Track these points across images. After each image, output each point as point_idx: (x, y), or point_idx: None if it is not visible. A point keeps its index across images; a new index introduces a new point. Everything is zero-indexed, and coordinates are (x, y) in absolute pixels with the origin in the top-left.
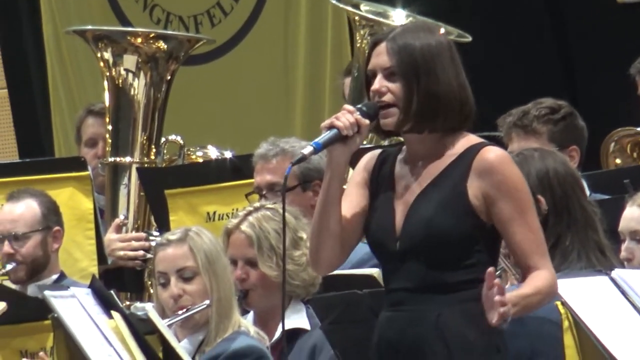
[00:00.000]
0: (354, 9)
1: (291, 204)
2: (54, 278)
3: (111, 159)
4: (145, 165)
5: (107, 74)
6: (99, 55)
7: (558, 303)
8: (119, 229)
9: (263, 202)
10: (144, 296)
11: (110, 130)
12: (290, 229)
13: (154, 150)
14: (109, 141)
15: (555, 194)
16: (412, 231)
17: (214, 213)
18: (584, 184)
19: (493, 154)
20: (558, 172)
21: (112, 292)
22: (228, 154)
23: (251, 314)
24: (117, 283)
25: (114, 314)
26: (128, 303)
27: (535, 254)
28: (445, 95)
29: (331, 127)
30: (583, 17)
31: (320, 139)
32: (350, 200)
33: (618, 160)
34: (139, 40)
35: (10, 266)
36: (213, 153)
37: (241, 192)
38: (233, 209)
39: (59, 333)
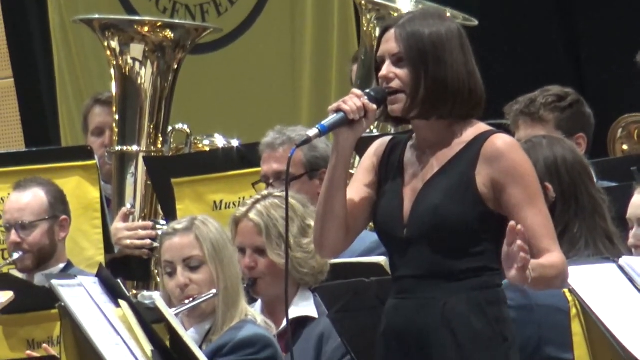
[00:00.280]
0: None
1: (298, 193)
2: (61, 267)
3: (118, 147)
4: (152, 154)
5: (114, 63)
6: (105, 44)
7: (566, 291)
8: (125, 218)
9: (271, 190)
10: (151, 285)
11: (117, 119)
12: (299, 216)
13: (160, 139)
14: (116, 130)
15: (563, 181)
16: (419, 218)
17: (221, 202)
18: (592, 171)
19: (501, 140)
20: (566, 160)
21: (119, 281)
22: (235, 143)
23: (259, 302)
24: (124, 272)
25: (121, 302)
26: (135, 292)
27: (546, 238)
28: (453, 83)
29: (338, 111)
30: (590, 4)
31: (326, 122)
32: (358, 186)
33: (625, 147)
34: (146, 29)
35: (17, 255)
36: (220, 142)
37: (248, 181)
38: (240, 198)
39: (66, 322)
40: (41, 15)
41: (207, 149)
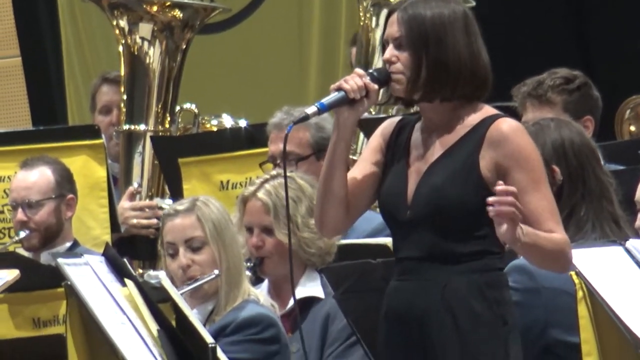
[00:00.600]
0: None
1: (305, 173)
2: (67, 246)
3: (126, 126)
4: (160, 133)
5: (123, 42)
6: (114, 23)
7: (572, 273)
8: (132, 197)
9: (279, 171)
10: (157, 264)
11: (125, 98)
12: (307, 197)
13: (168, 118)
14: (124, 109)
15: (570, 164)
16: (422, 200)
17: (228, 182)
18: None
19: (507, 124)
20: (574, 142)
21: (125, 260)
22: (242, 123)
23: (265, 282)
24: (131, 251)
25: (127, 282)
26: (141, 271)
27: (549, 221)
28: (455, 64)
29: (339, 89)
30: None
31: (325, 100)
32: (363, 165)
33: (633, 128)
34: (155, 8)
35: (23, 234)
36: (227, 122)
37: (255, 161)
38: (247, 178)
39: (72, 301)
40: None
41: (215, 129)
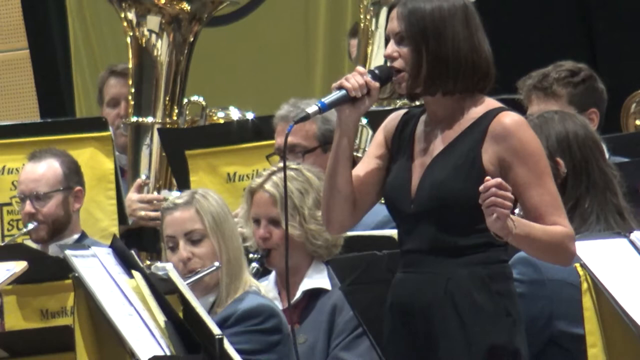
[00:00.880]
0: None
1: (312, 166)
2: (75, 238)
3: (134, 119)
4: (167, 126)
5: (130, 34)
6: (122, 15)
7: (577, 265)
8: (140, 189)
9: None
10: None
11: (133, 90)
12: (314, 189)
13: (176, 110)
14: (132, 102)
15: (574, 156)
16: (426, 194)
17: (235, 174)
18: (603, 146)
19: (509, 118)
20: (578, 135)
21: (133, 252)
22: (249, 115)
23: (272, 274)
24: (138, 243)
25: (135, 273)
26: (149, 263)
27: (552, 215)
28: (455, 58)
29: (340, 88)
30: None
31: (326, 99)
32: (368, 161)
33: (638, 122)
34: (163, 1)
35: (31, 225)
36: (234, 114)
37: (262, 153)
38: (253, 170)
39: (80, 292)
40: None
41: (222, 122)
